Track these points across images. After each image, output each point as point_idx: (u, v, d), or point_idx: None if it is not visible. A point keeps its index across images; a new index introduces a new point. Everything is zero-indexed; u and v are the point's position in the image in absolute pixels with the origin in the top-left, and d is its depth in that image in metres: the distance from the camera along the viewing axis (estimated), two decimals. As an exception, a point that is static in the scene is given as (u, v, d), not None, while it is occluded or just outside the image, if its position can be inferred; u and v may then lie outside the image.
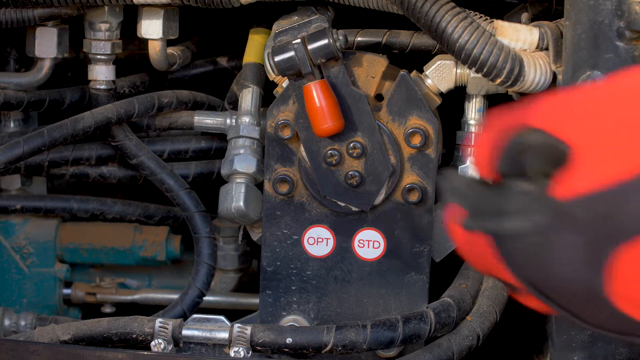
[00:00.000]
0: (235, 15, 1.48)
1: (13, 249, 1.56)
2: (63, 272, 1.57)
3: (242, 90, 1.41)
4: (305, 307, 1.33)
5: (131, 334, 1.24)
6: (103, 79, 1.46)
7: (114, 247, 1.58)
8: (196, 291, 1.44)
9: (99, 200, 1.55)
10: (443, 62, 1.31)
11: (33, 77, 1.47)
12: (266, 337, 1.23)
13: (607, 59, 1.11)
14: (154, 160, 1.45)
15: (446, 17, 1.19)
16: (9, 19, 1.40)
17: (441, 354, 1.24)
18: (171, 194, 1.45)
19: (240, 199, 1.34)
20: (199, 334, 1.24)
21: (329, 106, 1.24)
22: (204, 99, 1.50)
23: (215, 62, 1.58)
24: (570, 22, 1.14)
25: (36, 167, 1.49)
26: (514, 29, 1.23)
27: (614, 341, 1.15)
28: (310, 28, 1.30)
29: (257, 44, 1.43)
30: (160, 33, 1.42)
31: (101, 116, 1.41)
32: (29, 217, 1.57)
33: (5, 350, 1.17)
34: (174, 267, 1.63)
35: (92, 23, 1.44)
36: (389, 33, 1.34)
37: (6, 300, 1.56)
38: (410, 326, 1.23)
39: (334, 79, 1.26)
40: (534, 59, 1.21)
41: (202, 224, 1.45)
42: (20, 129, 1.55)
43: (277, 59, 1.24)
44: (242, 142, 1.38)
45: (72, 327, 1.26)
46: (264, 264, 1.33)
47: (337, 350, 1.23)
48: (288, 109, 1.29)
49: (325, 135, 1.26)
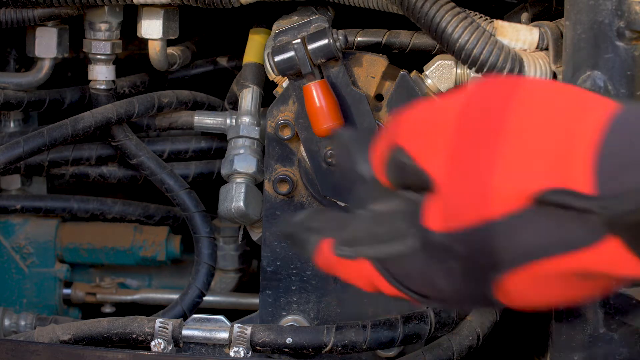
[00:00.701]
0: (235, 15, 1.48)
1: (13, 249, 1.56)
2: (63, 272, 1.57)
3: (242, 90, 1.41)
4: (305, 307, 1.33)
5: (131, 334, 1.24)
6: (103, 79, 1.46)
7: (114, 247, 1.58)
8: (196, 291, 1.44)
9: (99, 200, 1.55)
10: (443, 62, 1.31)
11: (33, 77, 1.47)
12: (266, 337, 1.23)
13: (607, 59, 1.11)
14: (154, 160, 1.45)
15: (446, 17, 1.19)
16: (9, 19, 1.40)
17: (441, 354, 1.24)
18: (171, 194, 1.45)
19: (240, 199, 1.34)
20: (199, 334, 1.24)
21: (329, 106, 1.24)
22: (204, 99, 1.50)
23: (215, 62, 1.58)
24: (570, 22, 1.14)
25: (36, 167, 1.49)
26: (514, 29, 1.23)
27: (613, 341, 1.15)
28: (310, 28, 1.30)
29: (257, 44, 1.43)
30: (160, 33, 1.42)
31: (101, 116, 1.41)
32: (29, 217, 1.57)
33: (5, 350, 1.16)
34: (174, 267, 1.63)
35: (92, 23, 1.43)
36: (389, 33, 1.34)
37: (6, 300, 1.56)
38: (410, 326, 1.23)
39: (334, 79, 1.26)
40: (534, 59, 1.21)
41: (202, 224, 1.45)
42: (20, 129, 1.55)
43: (277, 59, 1.24)
44: (242, 142, 1.38)
45: (72, 327, 1.26)
46: (264, 264, 1.33)
47: (337, 350, 1.23)
48: (288, 109, 1.29)
49: (326, 135, 1.26)
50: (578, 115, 0.86)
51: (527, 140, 0.86)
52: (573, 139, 0.85)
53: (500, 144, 0.87)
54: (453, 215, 0.89)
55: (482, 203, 0.87)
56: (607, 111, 0.85)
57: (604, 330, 1.14)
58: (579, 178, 0.83)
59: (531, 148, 0.86)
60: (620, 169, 0.82)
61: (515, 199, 0.86)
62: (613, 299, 1.13)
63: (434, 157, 0.91)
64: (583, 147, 0.84)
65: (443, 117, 0.92)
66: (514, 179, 0.86)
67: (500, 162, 0.86)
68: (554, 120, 0.87)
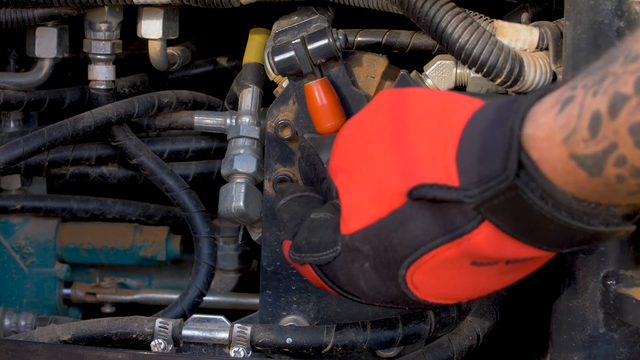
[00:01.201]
0: (235, 15, 1.48)
1: (13, 249, 1.56)
2: (63, 272, 1.57)
3: (242, 90, 1.41)
4: (305, 307, 1.33)
5: (131, 334, 1.24)
6: (103, 79, 1.46)
7: (114, 247, 1.58)
8: (196, 291, 1.44)
9: (99, 200, 1.55)
10: (443, 62, 1.31)
11: (33, 77, 1.47)
12: (266, 337, 1.23)
13: (607, 59, 1.11)
14: (154, 160, 1.45)
15: (446, 17, 1.19)
16: (9, 19, 1.40)
17: (441, 354, 1.24)
18: (171, 194, 1.45)
19: (240, 199, 1.34)
20: (199, 334, 1.24)
21: (330, 105, 1.24)
22: (204, 99, 1.50)
23: (215, 62, 1.58)
24: (570, 22, 1.14)
25: (36, 167, 1.49)
26: (514, 29, 1.23)
27: (613, 341, 1.15)
28: (310, 28, 1.30)
29: (257, 44, 1.43)
30: (160, 33, 1.42)
31: (101, 116, 1.41)
32: (29, 217, 1.57)
33: (5, 350, 1.16)
34: (174, 267, 1.63)
35: (92, 23, 1.44)
36: (389, 33, 1.34)
37: (6, 300, 1.56)
38: (410, 326, 1.23)
39: (334, 78, 1.26)
40: (534, 59, 1.21)
41: (202, 224, 1.45)
42: (20, 129, 1.55)
43: (277, 59, 1.24)
44: (242, 142, 1.38)
45: (72, 327, 1.26)
46: (264, 264, 1.33)
47: (337, 350, 1.23)
48: (288, 109, 1.29)
49: (329, 133, 1.26)
50: (447, 116, 0.96)
51: (406, 145, 0.97)
52: (443, 138, 0.95)
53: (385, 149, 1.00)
54: (354, 218, 1.02)
55: (372, 204, 1.00)
56: (471, 109, 0.95)
57: (604, 330, 1.14)
58: (446, 172, 0.93)
59: (410, 151, 0.97)
60: (476, 160, 0.90)
61: (396, 196, 0.97)
62: (613, 299, 1.13)
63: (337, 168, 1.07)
64: (450, 144, 0.93)
65: (349, 133, 1.08)
66: (395, 179, 0.97)
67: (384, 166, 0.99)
68: (428, 125, 0.97)
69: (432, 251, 0.97)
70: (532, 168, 0.87)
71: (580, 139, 0.83)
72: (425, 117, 0.98)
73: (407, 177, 0.96)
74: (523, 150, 0.87)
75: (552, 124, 0.85)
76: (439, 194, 0.94)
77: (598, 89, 0.82)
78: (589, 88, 0.83)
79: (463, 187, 0.92)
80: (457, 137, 0.94)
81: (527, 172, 0.87)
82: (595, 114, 0.81)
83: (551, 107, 0.86)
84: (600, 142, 0.81)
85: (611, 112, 0.80)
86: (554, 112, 0.85)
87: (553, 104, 0.86)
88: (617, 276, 1.13)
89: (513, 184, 0.88)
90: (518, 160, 0.87)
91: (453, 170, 0.93)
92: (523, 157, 0.87)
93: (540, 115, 0.87)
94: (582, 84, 0.84)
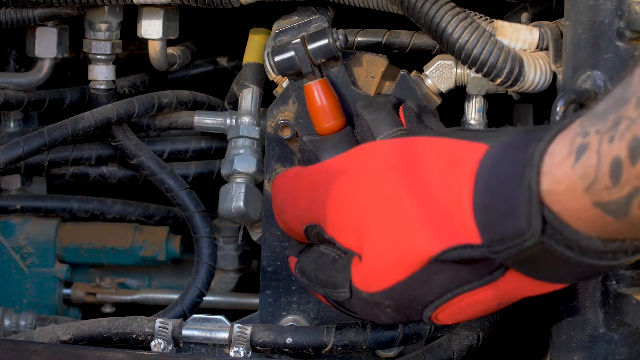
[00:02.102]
0: (235, 15, 1.48)
1: (13, 249, 1.56)
2: (63, 272, 1.57)
3: (242, 90, 1.41)
4: (305, 307, 1.33)
5: (131, 334, 1.24)
6: (103, 79, 1.46)
7: (114, 247, 1.58)
8: (196, 291, 1.44)
9: (99, 200, 1.55)
10: (443, 62, 1.31)
11: (33, 77, 1.47)
12: (266, 337, 1.23)
13: (607, 59, 1.11)
14: (154, 160, 1.45)
15: (446, 17, 1.19)
16: (9, 19, 1.40)
17: (441, 354, 1.24)
18: (171, 194, 1.45)
19: (240, 199, 1.34)
20: (199, 334, 1.24)
21: (330, 105, 1.24)
22: (204, 99, 1.50)
23: (215, 62, 1.58)
24: (570, 22, 1.14)
25: (36, 167, 1.49)
26: (514, 29, 1.23)
27: (613, 341, 1.15)
28: (310, 28, 1.30)
29: (257, 44, 1.43)
30: (160, 33, 1.42)
31: (101, 116, 1.41)
32: (29, 217, 1.57)
33: (5, 350, 1.16)
34: (174, 267, 1.63)
35: (92, 23, 1.44)
36: (389, 33, 1.34)
37: (6, 300, 1.56)
38: (410, 326, 1.23)
39: (334, 78, 1.26)
40: (534, 59, 1.21)
41: (202, 224, 1.45)
42: (20, 129, 1.55)
43: (277, 59, 1.24)
44: (242, 142, 1.38)
45: (72, 327, 1.26)
46: (264, 264, 1.33)
47: (337, 350, 1.23)
48: (288, 109, 1.29)
49: (328, 133, 1.26)
50: (455, 169, 0.96)
51: (423, 205, 0.97)
52: (457, 194, 0.94)
53: (402, 211, 0.99)
54: (374, 280, 1.03)
55: (394, 266, 1.01)
56: (475, 159, 0.95)
57: (604, 330, 1.14)
58: (466, 230, 0.93)
59: (428, 211, 0.97)
60: (496, 218, 0.91)
61: (422, 260, 0.98)
62: (613, 299, 1.13)
63: (348, 235, 1.06)
64: (464, 199, 0.93)
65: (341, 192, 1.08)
66: (419, 243, 0.97)
67: (405, 229, 0.98)
68: (438, 180, 0.97)
69: (459, 295, 0.99)
70: (556, 221, 0.87)
71: (603, 187, 0.83)
72: (434, 172, 0.98)
73: (432, 241, 0.96)
74: (544, 204, 0.88)
75: (571, 175, 0.85)
76: (464, 254, 0.94)
77: (614, 134, 0.81)
78: (604, 134, 0.82)
79: (486, 245, 0.92)
80: (470, 192, 0.93)
81: (552, 225, 0.88)
82: (616, 161, 0.81)
83: (566, 158, 0.86)
84: (624, 187, 0.81)
85: (632, 157, 0.80)
86: (570, 163, 0.85)
87: (567, 154, 0.86)
88: (617, 276, 1.13)
89: (539, 240, 0.89)
90: (541, 215, 0.88)
91: (473, 227, 0.93)
92: (545, 212, 0.88)
93: (556, 168, 0.87)
94: (594, 129, 0.84)
